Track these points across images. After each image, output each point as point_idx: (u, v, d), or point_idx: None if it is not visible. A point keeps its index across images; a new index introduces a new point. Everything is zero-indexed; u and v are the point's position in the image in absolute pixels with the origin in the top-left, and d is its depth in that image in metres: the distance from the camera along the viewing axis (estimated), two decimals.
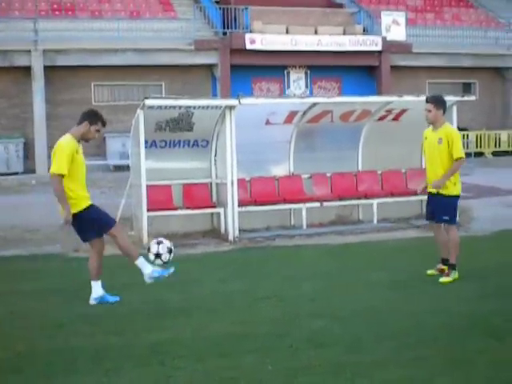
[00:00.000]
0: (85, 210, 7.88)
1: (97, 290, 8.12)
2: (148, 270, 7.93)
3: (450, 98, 13.97)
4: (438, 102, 8.90)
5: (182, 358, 6.09)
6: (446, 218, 8.82)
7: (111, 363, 5.99)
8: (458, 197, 8.93)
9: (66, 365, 6.02)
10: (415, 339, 6.45)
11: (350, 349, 6.21)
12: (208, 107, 12.62)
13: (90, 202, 7.98)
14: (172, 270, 7.95)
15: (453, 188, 8.79)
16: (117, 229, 8.09)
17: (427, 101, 8.97)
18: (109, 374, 5.73)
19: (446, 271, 8.83)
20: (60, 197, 7.72)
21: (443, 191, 8.76)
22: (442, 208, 8.80)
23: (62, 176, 7.66)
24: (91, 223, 7.94)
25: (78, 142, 7.92)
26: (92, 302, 8.06)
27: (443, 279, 8.71)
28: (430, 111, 8.83)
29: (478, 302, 7.77)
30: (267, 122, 13.49)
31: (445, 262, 8.96)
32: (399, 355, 6.03)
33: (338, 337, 6.58)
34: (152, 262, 8.10)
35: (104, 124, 8.06)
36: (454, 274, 8.77)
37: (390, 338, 6.48)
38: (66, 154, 7.67)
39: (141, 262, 7.98)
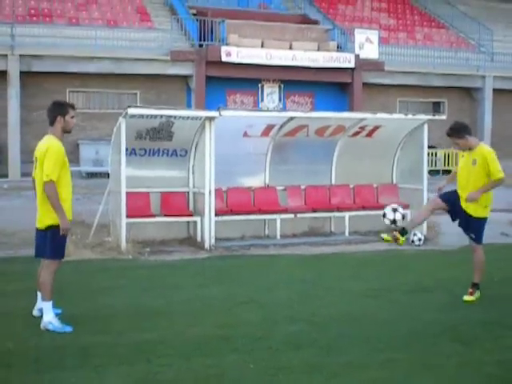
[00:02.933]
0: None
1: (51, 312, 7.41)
2: (48, 318, 7.28)
3: (421, 117, 14.53)
4: (457, 131, 8.74)
5: (166, 356, 6.39)
6: (473, 236, 8.84)
7: (99, 360, 6.27)
8: (486, 219, 8.87)
9: (55, 361, 6.28)
10: (387, 344, 6.83)
11: (326, 351, 6.58)
12: (188, 118, 12.92)
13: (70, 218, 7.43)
14: (69, 329, 7.21)
15: (482, 210, 8.77)
16: (58, 264, 7.53)
17: (449, 135, 8.81)
18: (98, 370, 6.02)
19: (470, 290, 8.80)
20: (55, 204, 7.14)
21: (473, 213, 8.73)
22: (469, 226, 8.82)
23: (54, 182, 7.14)
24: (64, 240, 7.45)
25: (62, 141, 7.42)
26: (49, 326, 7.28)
27: (467, 298, 8.72)
28: (457, 144, 8.77)
29: (446, 311, 8.18)
30: (245, 135, 13.84)
31: (403, 231, 8.82)
32: (372, 358, 6.40)
33: (314, 340, 6.93)
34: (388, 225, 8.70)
35: (74, 107, 7.57)
36: (478, 294, 8.78)
37: (363, 342, 6.86)
38: (56, 157, 7.18)
39: (48, 305, 7.34)
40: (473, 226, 8.84)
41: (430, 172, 24.89)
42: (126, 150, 12.55)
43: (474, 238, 8.88)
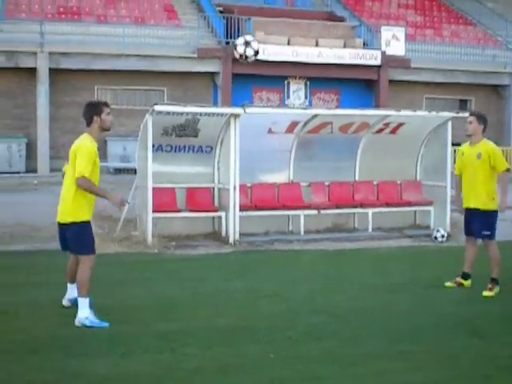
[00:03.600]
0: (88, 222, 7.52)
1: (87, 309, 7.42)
2: (84, 314, 7.30)
3: (444, 114, 14.61)
4: (480, 116, 9.10)
5: (190, 345, 6.60)
6: (487, 233, 8.96)
7: (125, 348, 6.49)
8: (496, 211, 9.01)
9: (83, 348, 6.52)
10: (405, 336, 6.99)
11: (346, 342, 6.75)
12: (214, 115, 13.12)
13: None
14: (106, 325, 7.26)
15: (492, 203, 8.92)
16: (93, 259, 7.68)
17: (470, 114, 9.19)
18: (124, 357, 6.25)
19: (490, 285, 8.91)
20: (95, 191, 7.39)
21: (483, 207, 8.90)
22: (482, 223, 8.94)
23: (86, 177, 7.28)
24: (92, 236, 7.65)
25: (97, 140, 7.59)
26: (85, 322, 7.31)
27: (486, 293, 8.82)
28: (471, 123, 8.99)
29: (464, 306, 8.33)
30: (269, 131, 14.00)
31: (465, 275, 9.24)
32: (390, 349, 6.56)
33: (334, 331, 7.11)
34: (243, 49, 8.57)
35: (108, 105, 7.73)
36: (497, 289, 8.90)
37: (382, 334, 7.02)
38: (88, 155, 7.31)
39: (83, 301, 7.35)
40: (485, 222, 8.94)
41: None
42: (153, 146, 12.78)
43: (488, 235, 8.98)
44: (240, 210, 13.04)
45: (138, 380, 5.76)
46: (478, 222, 8.98)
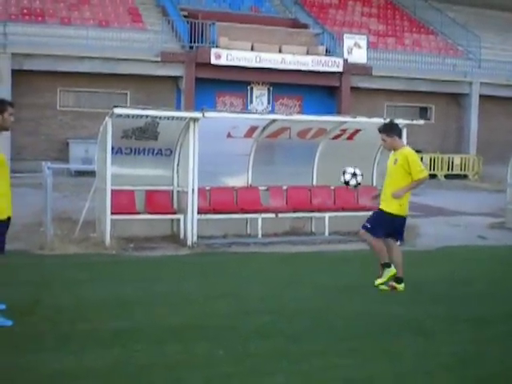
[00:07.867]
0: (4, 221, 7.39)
1: None
2: None
3: (399, 121, 14.88)
4: (388, 129, 9.31)
5: (141, 342, 6.73)
6: (367, 225, 9.25)
7: (77, 344, 6.61)
8: (399, 217, 9.20)
9: (35, 345, 6.63)
10: (352, 334, 7.21)
11: (294, 340, 6.94)
12: (173, 118, 13.29)
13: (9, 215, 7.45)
14: (9, 323, 7.20)
15: (398, 208, 9.12)
16: None
17: (379, 131, 9.36)
18: (75, 353, 6.36)
19: (392, 283, 9.25)
20: None
21: (386, 208, 9.16)
22: (373, 216, 9.30)
23: None
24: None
25: None
26: None
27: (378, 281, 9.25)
28: (384, 140, 9.30)
29: (413, 306, 8.55)
30: (228, 135, 14.21)
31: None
32: (336, 346, 6.77)
33: (282, 330, 7.30)
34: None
35: (13, 105, 7.47)
36: (399, 285, 9.23)
37: (329, 332, 7.24)
38: None
39: None
40: (376, 217, 9.25)
41: None
42: (113, 148, 12.91)
43: (366, 226, 9.28)
44: (198, 212, 13.22)
45: (88, 374, 5.88)
46: (374, 216, 9.28)
